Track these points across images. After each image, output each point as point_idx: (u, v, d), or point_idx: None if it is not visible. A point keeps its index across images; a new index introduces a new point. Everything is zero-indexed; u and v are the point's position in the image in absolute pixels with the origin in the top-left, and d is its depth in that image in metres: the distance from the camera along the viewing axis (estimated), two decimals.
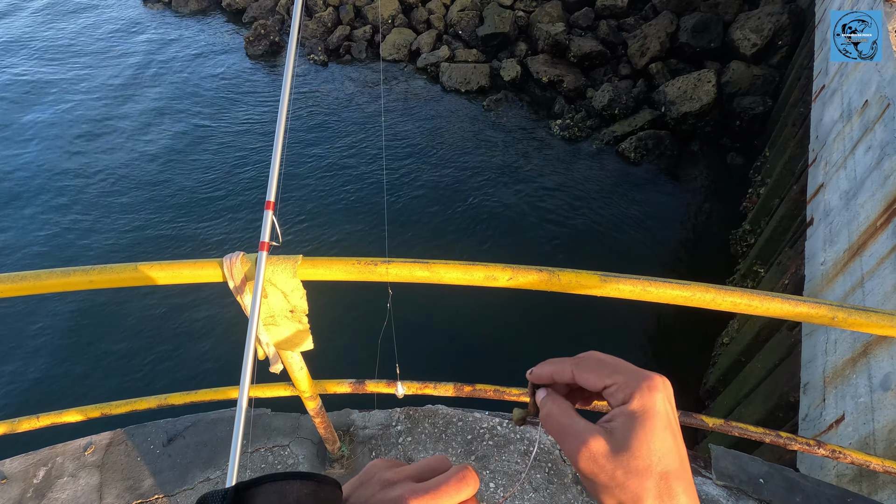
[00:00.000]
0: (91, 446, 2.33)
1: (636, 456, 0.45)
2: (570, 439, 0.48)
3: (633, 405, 0.47)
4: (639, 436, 0.45)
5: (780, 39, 9.88)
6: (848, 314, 1.15)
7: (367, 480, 0.50)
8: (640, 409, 0.46)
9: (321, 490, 0.44)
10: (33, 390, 6.43)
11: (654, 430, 0.46)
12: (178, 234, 8.41)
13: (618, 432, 0.46)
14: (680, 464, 0.46)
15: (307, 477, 0.44)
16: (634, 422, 0.46)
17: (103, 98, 11.64)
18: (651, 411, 0.46)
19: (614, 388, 0.49)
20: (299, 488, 0.43)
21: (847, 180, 4.26)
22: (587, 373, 0.51)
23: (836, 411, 3.10)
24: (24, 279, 1.23)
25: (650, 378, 0.48)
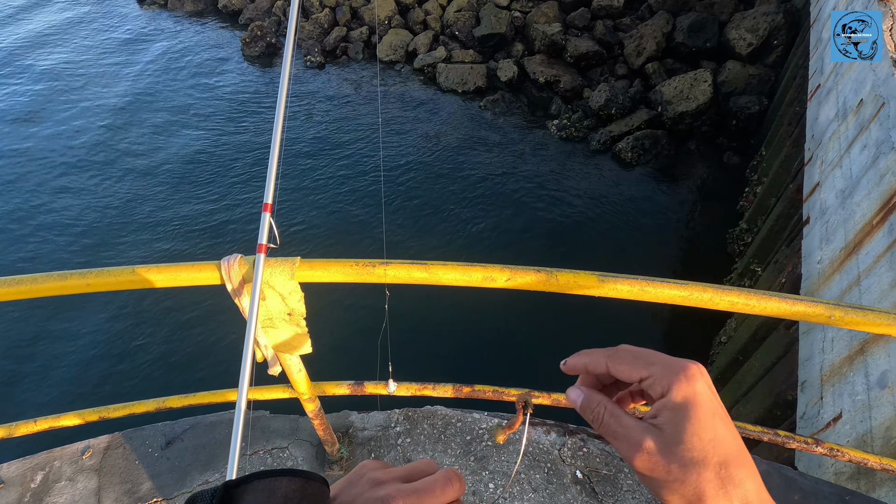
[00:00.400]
0: (89, 450, 2.32)
1: (689, 448, 0.44)
2: (623, 442, 0.48)
3: (675, 396, 0.46)
4: (688, 428, 0.45)
5: (776, 39, 9.92)
6: (845, 313, 1.16)
7: (356, 480, 0.51)
8: (683, 399, 0.46)
9: (308, 486, 0.45)
10: (31, 394, 6.40)
11: (702, 420, 0.45)
12: (174, 236, 8.39)
13: (666, 427, 0.46)
14: (738, 449, 0.45)
15: (295, 474, 0.45)
16: (680, 414, 0.45)
17: (98, 101, 11.61)
18: (694, 400, 0.45)
19: (651, 379, 0.48)
20: (287, 485, 0.43)
21: (843, 179, 4.28)
22: (622, 364, 0.50)
23: (833, 409, 3.11)
24: (20, 283, 1.22)
25: (687, 367, 0.47)
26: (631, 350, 0.52)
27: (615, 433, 0.49)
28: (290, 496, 0.43)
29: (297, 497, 0.43)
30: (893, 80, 3.93)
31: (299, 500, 0.43)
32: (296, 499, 0.43)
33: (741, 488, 0.43)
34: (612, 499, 2.18)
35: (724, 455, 0.44)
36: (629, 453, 0.47)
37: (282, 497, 0.42)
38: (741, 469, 0.44)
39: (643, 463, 0.46)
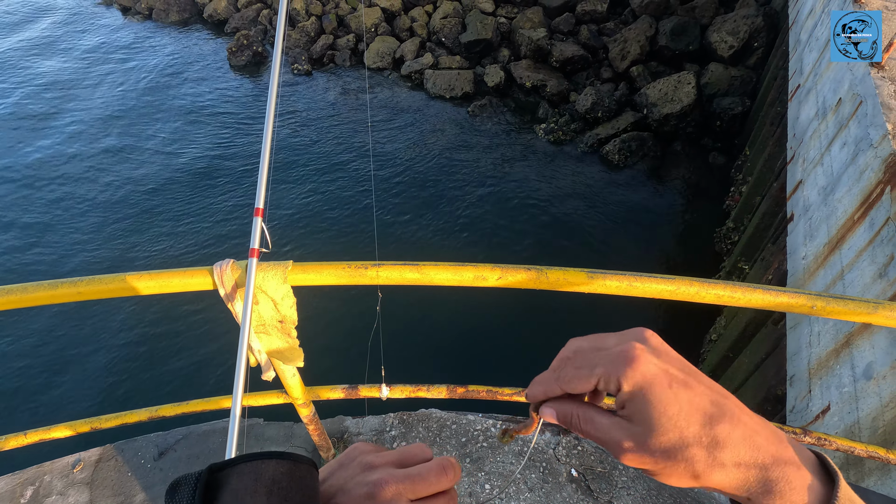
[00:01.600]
0: (80, 463, 2.29)
1: (663, 433, 0.43)
2: (606, 444, 0.47)
3: (627, 389, 0.44)
4: (653, 413, 0.43)
5: (756, 41, 10.12)
6: (826, 303, 1.19)
7: (348, 463, 0.50)
8: (636, 388, 0.44)
9: (297, 469, 0.44)
10: (18, 406, 6.29)
11: (662, 399, 0.43)
12: (164, 243, 8.31)
13: (635, 418, 0.44)
14: (710, 402, 0.43)
15: (283, 456, 0.44)
16: (640, 402, 0.44)
17: (83, 112, 11.50)
18: (646, 383, 0.43)
19: (601, 383, 0.46)
20: (275, 467, 0.42)
21: (825, 176, 4.37)
22: (571, 382, 0.48)
23: (821, 402, 3.16)
24: (9, 292, 1.22)
25: (627, 353, 0.45)
26: (573, 360, 0.49)
27: (596, 438, 0.47)
28: (277, 479, 0.42)
29: (286, 480, 0.42)
30: (870, 79, 4.04)
31: (288, 482, 0.42)
32: (284, 482, 0.42)
33: (729, 448, 0.42)
34: (608, 496, 2.20)
35: (699, 420, 0.42)
36: (615, 453, 0.46)
37: (269, 480, 0.42)
38: (722, 424, 0.42)
39: (630, 461, 0.45)
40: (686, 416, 0.42)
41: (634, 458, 0.45)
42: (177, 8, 15.09)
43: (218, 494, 0.41)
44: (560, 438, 2.40)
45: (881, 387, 2.67)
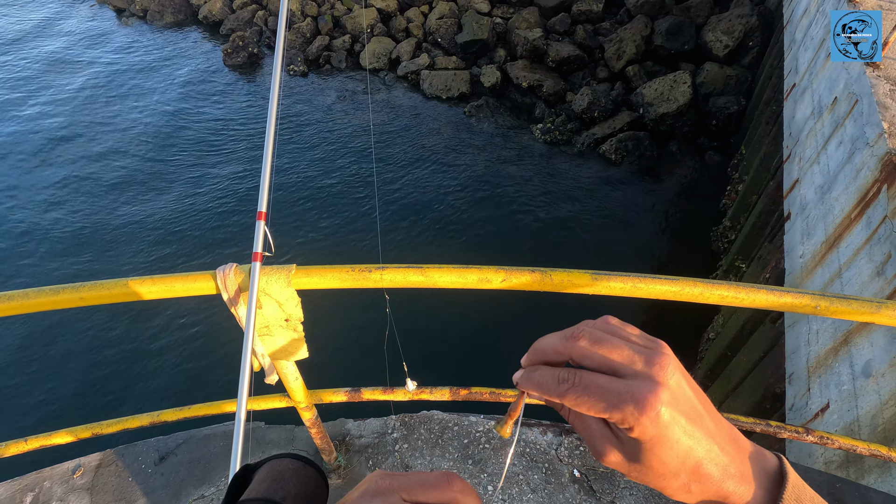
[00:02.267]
0: (80, 469, 2.28)
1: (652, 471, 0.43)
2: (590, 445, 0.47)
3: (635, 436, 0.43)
4: (650, 458, 0.43)
5: (751, 40, 10.16)
6: (830, 303, 1.19)
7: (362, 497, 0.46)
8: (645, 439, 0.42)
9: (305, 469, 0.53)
10: (18, 413, 6.25)
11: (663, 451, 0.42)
12: (165, 247, 8.28)
13: (629, 446, 0.44)
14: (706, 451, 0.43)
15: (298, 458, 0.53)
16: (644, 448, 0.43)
17: (83, 115, 11.44)
18: (655, 438, 0.42)
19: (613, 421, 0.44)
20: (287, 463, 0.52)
21: (821, 175, 4.39)
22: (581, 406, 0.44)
23: (821, 400, 3.18)
24: (11, 298, 1.21)
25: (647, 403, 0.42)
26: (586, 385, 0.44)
27: (581, 434, 0.47)
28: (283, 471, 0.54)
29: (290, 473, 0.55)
30: (866, 78, 4.06)
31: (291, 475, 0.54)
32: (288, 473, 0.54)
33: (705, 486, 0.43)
34: (610, 496, 2.20)
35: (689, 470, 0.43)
36: (594, 454, 0.46)
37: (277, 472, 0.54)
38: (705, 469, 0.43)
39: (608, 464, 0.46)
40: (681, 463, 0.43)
41: (611, 465, 0.46)
42: (171, 9, 15.04)
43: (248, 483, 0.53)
44: (562, 439, 2.40)
45: (880, 384, 2.69)
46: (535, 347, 0.50)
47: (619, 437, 0.44)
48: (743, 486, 0.44)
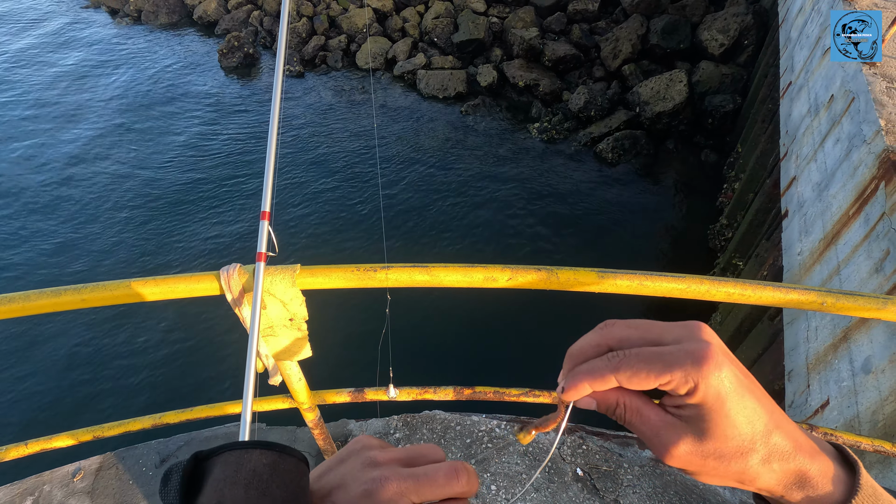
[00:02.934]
0: (80, 472, 2.26)
1: (724, 440, 0.41)
2: (650, 441, 0.44)
3: (698, 398, 0.41)
4: (719, 423, 0.41)
5: (746, 39, 10.20)
6: (836, 299, 1.20)
7: (349, 457, 0.48)
8: (709, 399, 0.41)
9: (282, 461, 0.41)
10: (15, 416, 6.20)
11: (733, 409, 0.41)
12: (167, 248, 8.24)
13: (695, 423, 0.42)
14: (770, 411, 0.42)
15: (269, 447, 0.42)
16: (710, 412, 0.41)
17: (79, 117, 11.36)
18: (725, 393, 0.41)
19: (673, 384, 0.42)
20: (258, 457, 0.41)
21: (818, 172, 4.41)
22: (637, 376, 0.43)
23: (820, 396, 3.19)
24: (12, 300, 1.19)
25: (705, 354, 0.41)
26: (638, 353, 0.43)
27: (641, 433, 0.44)
28: (258, 471, 0.40)
29: (268, 472, 0.40)
30: (862, 76, 4.08)
31: (269, 475, 0.40)
32: (265, 474, 0.40)
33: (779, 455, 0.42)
34: (614, 494, 2.20)
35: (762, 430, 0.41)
36: (658, 451, 0.43)
37: (250, 472, 0.40)
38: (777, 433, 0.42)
39: (675, 461, 0.43)
40: (751, 426, 0.41)
41: (682, 462, 0.43)
42: (166, 10, 14.96)
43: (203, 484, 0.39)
44: (565, 438, 2.40)
45: (880, 380, 2.70)
46: (569, 353, 0.48)
47: (683, 416, 0.42)
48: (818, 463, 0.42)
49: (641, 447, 2.37)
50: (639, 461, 2.31)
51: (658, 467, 2.28)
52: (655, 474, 2.26)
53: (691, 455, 0.42)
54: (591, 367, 0.44)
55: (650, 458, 2.32)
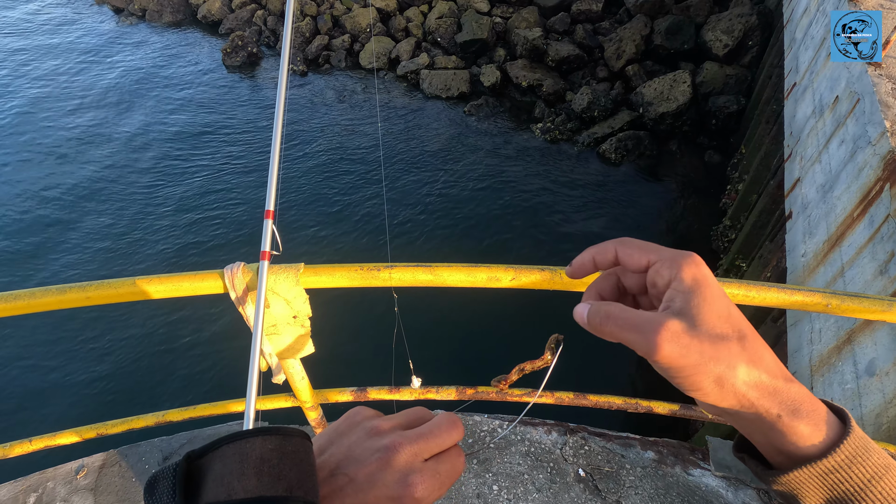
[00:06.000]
0: (83, 469, 2.27)
1: (712, 323, 0.43)
2: (645, 327, 0.44)
3: (685, 277, 0.44)
4: (704, 306, 0.43)
5: (751, 40, 10.17)
6: (841, 301, 1.19)
7: (349, 430, 0.48)
8: (693, 280, 0.44)
9: (287, 443, 0.40)
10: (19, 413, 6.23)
11: (714, 298, 0.43)
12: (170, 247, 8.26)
13: (685, 309, 0.43)
14: (748, 324, 0.44)
15: (269, 431, 0.40)
16: (694, 294, 0.44)
17: (84, 116, 11.40)
18: (704, 280, 0.44)
19: (659, 264, 0.46)
20: (262, 444, 0.39)
21: (823, 174, 4.39)
22: (631, 248, 0.48)
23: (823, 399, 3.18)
24: (18, 298, 1.20)
25: (690, 254, 0.46)
26: (636, 240, 0.50)
27: (632, 323, 0.45)
28: (266, 457, 0.38)
29: (276, 457, 0.39)
30: (867, 77, 4.06)
31: (278, 460, 0.39)
32: (274, 459, 0.39)
33: (763, 360, 0.43)
34: (616, 495, 2.20)
35: (741, 329, 0.43)
36: (652, 339, 0.43)
37: (257, 459, 0.38)
38: (756, 342, 0.43)
39: (671, 347, 0.42)
40: (731, 321, 0.43)
41: (677, 346, 0.42)
42: (170, 9, 15.00)
43: (201, 483, 0.37)
44: (567, 438, 2.40)
45: (884, 383, 2.69)
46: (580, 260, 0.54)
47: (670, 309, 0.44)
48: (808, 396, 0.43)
49: (643, 448, 2.37)
50: (641, 462, 2.30)
51: (660, 469, 2.28)
52: (658, 476, 2.25)
53: (686, 336, 0.42)
54: (597, 245, 0.51)
55: (653, 459, 2.32)
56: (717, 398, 0.43)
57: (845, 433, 0.42)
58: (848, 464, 0.42)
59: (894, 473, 0.42)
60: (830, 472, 0.42)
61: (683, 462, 2.30)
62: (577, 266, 0.52)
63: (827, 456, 0.42)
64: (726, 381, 0.42)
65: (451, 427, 0.47)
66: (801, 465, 0.43)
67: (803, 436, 0.42)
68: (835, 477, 0.42)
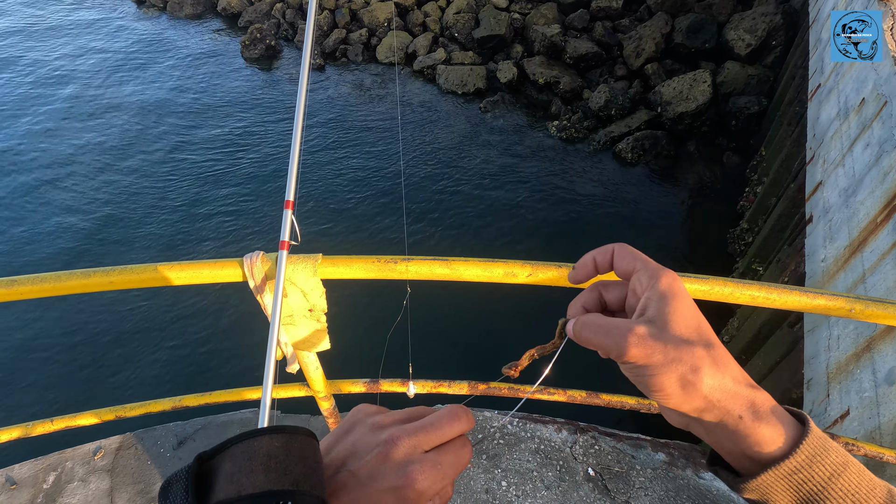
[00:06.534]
0: (100, 450, 2.32)
1: (679, 327, 0.47)
2: (615, 332, 0.48)
3: (660, 286, 0.49)
4: (674, 314, 0.47)
5: (774, 39, 9.97)
6: (865, 306, 1.17)
7: (353, 427, 0.49)
8: (667, 288, 0.49)
9: (294, 441, 0.42)
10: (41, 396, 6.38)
11: (685, 308, 0.48)
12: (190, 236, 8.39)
13: (656, 316, 0.47)
14: (715, 337, 0.48)
15: (276, 430, 0.42)
16: (666, 300, 0.48)
17: (106, 106, 11.59)
18: (677, 291, 0.49)
19: (642, 272, 0.51)
20: (269, 442, 0.41)
21: (846, 178, 4.30)
22: (625, 253, 0.54)
23: (840, 406, 3.12)
24: (44, 280, 1.23)
25: (669, 269, 0.51)
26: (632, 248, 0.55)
27: (604, 326, 0.50)
28: (273, 453, 0.40)
29: (283, 454, 0.41)
30: (895, 79, 3.96)
31: (285, 456, 0.41)
32: (280, 456, 0.40)
33: (728, 367, 0.46)
34: (625, 496, 2.19)
35: (708, 339, 0.47)
36: (622, 341, 0.47)
37: (265, 456, 0.40)
38: (723, 352, 0.47)
39: (638, 348, 0.46)
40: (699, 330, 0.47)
41: (644, 348, 0.46)
42: (191, 1, 15.15)
43: (213, 483, 0.39)
44: (577, 437, 2.39)
45: None
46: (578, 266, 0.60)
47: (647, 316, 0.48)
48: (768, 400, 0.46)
49: (654, 449, 2.35)
50: (651, 464, 2.29)
51: (671, 471, 2.26)
52: (668, 478, 2.24)
53: (651, 340, 0.46)
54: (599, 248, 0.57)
55: (663, 461, 2.30)
56: (679, 400, 0.46)
57: (804, 433, 0.45)
58: (809, 463, 0.44)
59: (853, 470, 0.44)
60: (795, 472, 0.44)
61: (694, 465, 2.28)
62: (580, 267, 0.58)
63: (789, 456, 0.44)
64: (690, 382, 0.45)
65: (452, 418, 0.48)
66: (767, 468, 0.45)
67: (765, 437, 0.45)
68: (799, 477, 0.44)
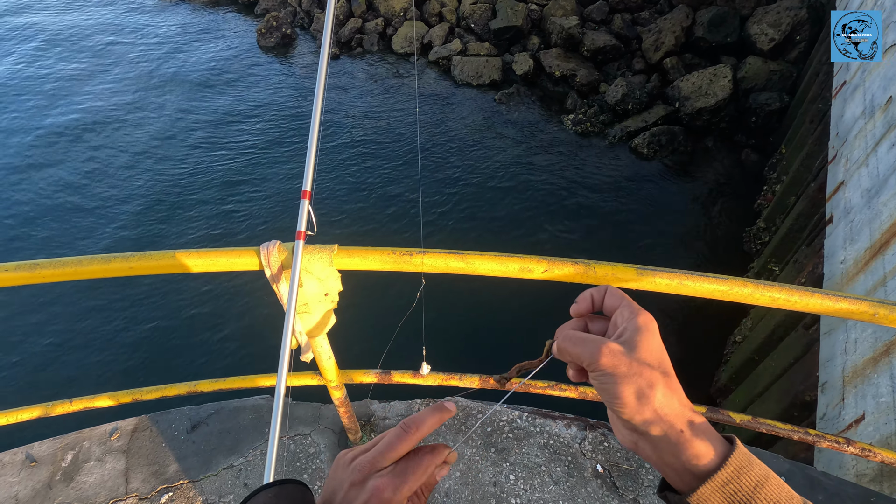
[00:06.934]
0: (117, 431, 2.37)
1: (644, 353, 0.56)
2: (591, 344, 0.58)
3: (638, 319, 0.58)
4: (644, 340, 0.57)
5: (799, 34, 9.73)
6: (889, 311, 1.14)
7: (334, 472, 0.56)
8: (644, 323, 0.58)
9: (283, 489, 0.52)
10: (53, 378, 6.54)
11: (653, 341, 0.57)
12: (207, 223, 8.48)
13: (629, 339, 0.57)
14: (672, 372, 0.57)
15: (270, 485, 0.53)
16: (640, 331, 0.57)
17: (122, 92, 11.71)
18: (650, 326, 0.58)
19: (625, 307, 0.61)
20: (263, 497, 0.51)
21: (869, 178, 4.20)
22: (615, 293, 0.64)
23: (855, 411, 3.07)
24: (65, 265, 1.25)
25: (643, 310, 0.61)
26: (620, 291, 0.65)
27: (584, 340, 0.59)
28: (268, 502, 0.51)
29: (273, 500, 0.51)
30: None
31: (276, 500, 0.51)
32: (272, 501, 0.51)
33: (677, 392, 0.56)
34: (633, 493, 2.19)
35: (666, 369, 0.56)
36: (596, 351, 0.56)
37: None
38: (676, 381, 0.57)
39: (608, 358, 0.55)
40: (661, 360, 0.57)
41: (612, 359, 0.55)
42: None
43: None
44: (586, 433, 2.39)
45: None
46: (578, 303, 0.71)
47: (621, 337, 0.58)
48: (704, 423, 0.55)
49: None
50: None
51: None
52: None
53: (620, 354, 0.56)
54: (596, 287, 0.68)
55: None
56: (633, 410, 0.54)
57: (731, 448, 0.52)
58: (737, 474, 0.50)
59: (773, 481, 0.51)
60: (727, 483, 0.50)
61: None
62: (580, 300, 0.68)
63: (721, 468, 0.51)
64: (645, 395, 0.54)
65: (399, 436, 0.55)
66: (703, 480, 0.51)
67: (701, 451, 0.52)
68: (731, 487, 0.50)
